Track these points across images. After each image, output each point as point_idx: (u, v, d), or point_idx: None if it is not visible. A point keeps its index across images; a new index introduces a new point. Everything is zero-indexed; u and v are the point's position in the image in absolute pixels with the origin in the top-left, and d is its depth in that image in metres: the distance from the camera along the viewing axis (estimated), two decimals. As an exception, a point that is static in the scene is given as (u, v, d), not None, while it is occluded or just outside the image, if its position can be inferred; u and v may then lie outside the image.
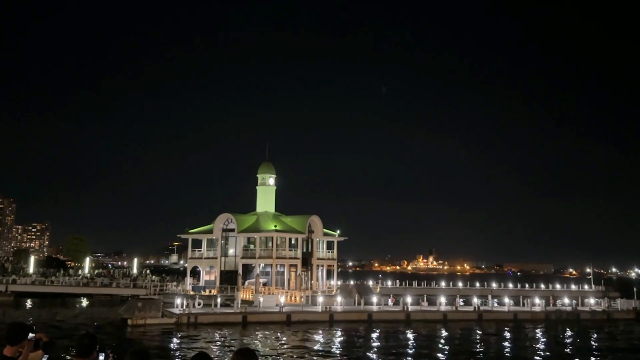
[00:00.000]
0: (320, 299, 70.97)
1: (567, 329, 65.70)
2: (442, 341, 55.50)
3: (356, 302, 72.30)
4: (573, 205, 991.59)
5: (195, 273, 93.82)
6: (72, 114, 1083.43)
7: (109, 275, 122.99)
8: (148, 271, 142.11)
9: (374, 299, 74.48)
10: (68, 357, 31.56)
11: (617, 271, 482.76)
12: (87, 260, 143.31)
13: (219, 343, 51.08)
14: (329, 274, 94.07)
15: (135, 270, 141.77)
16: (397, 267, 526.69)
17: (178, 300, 65.67)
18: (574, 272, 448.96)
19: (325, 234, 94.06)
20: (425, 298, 78.67)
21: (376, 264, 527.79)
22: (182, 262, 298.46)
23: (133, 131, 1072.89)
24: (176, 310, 62.61)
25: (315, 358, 44.23)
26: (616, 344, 56.88)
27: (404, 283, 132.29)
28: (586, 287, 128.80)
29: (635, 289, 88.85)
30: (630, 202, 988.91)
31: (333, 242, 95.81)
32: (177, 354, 45.08)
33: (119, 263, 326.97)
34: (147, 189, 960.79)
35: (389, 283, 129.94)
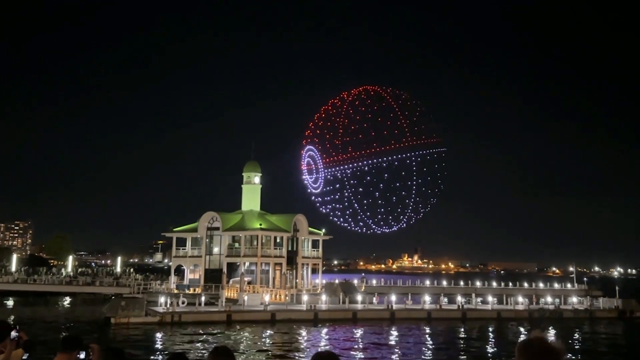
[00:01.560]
0: (305, 298, 70.96)
1: (550, 328, 66.20)
2: (426, 340, 55.73)
3: (341, 301, 72.38)
4: (556, 205, 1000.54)
5: (179, 271, 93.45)
6: (55, 112, 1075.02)
7: (92, 273, 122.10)
8: (132, 270, 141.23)
9: (359, 298, 74.60)
10: (49, 356, 31.24)
11: (599, 270, 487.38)
12: (70, 258, 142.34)
13: (202, 342, 50.87)
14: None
15: (118, 269, 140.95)
16: (383, 266, 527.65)
17: (162, 299, 65.35)
18: (557, 271, 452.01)
19: (311, 233, 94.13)
20: (409, 297, 79.00)
21: (361, 263, 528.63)
22: (166, 260, 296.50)
23: (117, 129, 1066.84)
24: (160, 309, 62.29)
25: (298, 357, 44.23)
26: (598, 343, 57.47)
27: (389, 282, 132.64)
28: (569, 286, 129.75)
29: (617, 288, 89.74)
30: (612, 201, 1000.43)
31: (318, 240, 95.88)
32: (160, 352, 44.82)
33: (103, 262, 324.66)
34: (131, 187, 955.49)
35: (374, 282, 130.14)
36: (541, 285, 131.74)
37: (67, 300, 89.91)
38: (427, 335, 58.45)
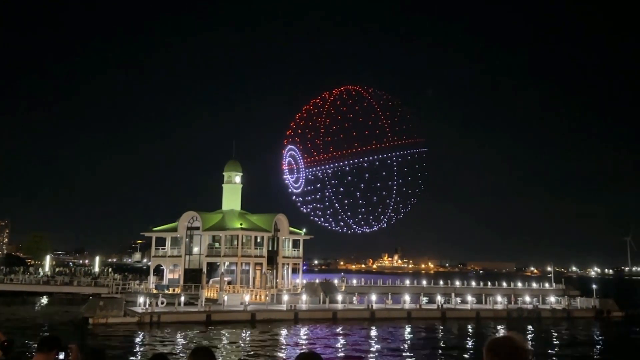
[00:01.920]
0: (286, 298, 70.89)
1: (529, 327, 66.86)
2: (406, 339, 55.98)
3: (321, 301, 72.42)
4: (535, 205, 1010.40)
5: (158, 271, 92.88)
6: (31, 111, 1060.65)
7: (70, 273, 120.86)
8: (110, 269, 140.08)
9: (339, 298, 74.72)
10: (27, 357, 30.84)
11: (577, 270, 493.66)
12: (48, 258, 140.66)
13: (182, 342, 50.56)
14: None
15: (97, 269, 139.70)
16: (363, 266, 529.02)
17: (141, 299, 64.89)
18: (536, 271, 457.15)
19: (292, 233, 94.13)
20: (390, 296, 79.33)
21: (342, 263, 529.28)
22: (145, 260, 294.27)
23: (95, 128, 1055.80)
24: (139, 309, 61.83)
25: (278, 357, 44.18)
26: (576, 342, 58.10)
27: (369, 281, 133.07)
28: (547, 285, 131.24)
29: (594, 288, 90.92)
30: (590, 202, 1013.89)
31: (299, 240, 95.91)
32: (138, 353, 44.48)
33: (81, 261, 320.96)
34: (110, 186, 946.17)
35: (354, 281, 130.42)
36: (519, 285, 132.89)
37: (44, 300, 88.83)
38: (406, 335, 58.70)
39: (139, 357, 42.59)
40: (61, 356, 6.37)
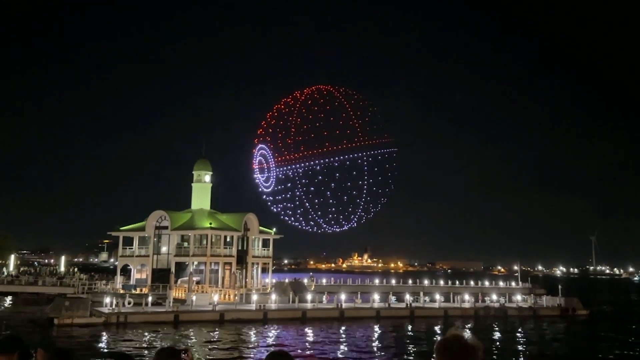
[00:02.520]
0: (255, 297, 70.66)
1: (495, 325, 67.85)
2: (374, 338, 56.28)
3: (291, 300, 72.38)
4: (501, 204, 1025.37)
5: (125, 271, 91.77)
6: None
7: (35, 273, 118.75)
8: (76, 269, 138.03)
9: (309, 297, 74.76)
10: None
11: (543, 269, 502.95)
12: (12, 257, 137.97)
13: (149, 343, 50.02)
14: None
15: (62, 268, 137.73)
16: (333, 265, 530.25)
17: (107, 299, 64.04)
18: (502, 270, 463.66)
19: (261, 232, 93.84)
20: (359, 295, 79.67)
21: (312, 262, 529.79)
22: (112, 260, 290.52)
23: (61, 124, 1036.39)
24: (105, 310, 61.04)
25: (247, 357, 44.00)
26: (541, 340, 59.17)
27: (338, 281, 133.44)
28: (514, 284, 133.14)
29: (560, 286, 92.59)
30: (555, 201, 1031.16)
31: (269, 239, 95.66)
32: (104, 354, 43.81)
33: (46, 261, 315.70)
34: (76, 184, 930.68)
35: (324, 281, 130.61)
36: (487, 283, 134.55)
37: (8, 300, 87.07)
38: (375, 334, 59.00)
39: (104, 358, 41.97)
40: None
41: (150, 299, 67.30)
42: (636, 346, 56.79)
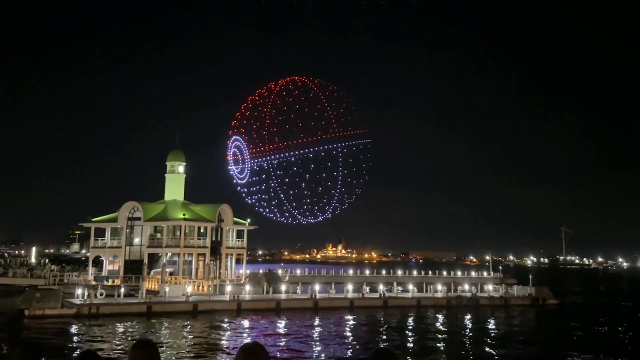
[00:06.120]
0: (229, 288, 70.49)
1: (467, 314, 68.75)
2: (348, 328, 56.63)
3: (265, 291, 72.36)
4: (473, 195, 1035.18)
5: (97, 263, 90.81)
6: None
7: (4, 264, 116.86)
8: (47, 260, 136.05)
9: (283, 288, 74.83)
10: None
11: (514, 259, 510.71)
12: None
13: (121, 335, 49.66)
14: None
15: (33, 260, 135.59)
16: (307, 256, 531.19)
17: (79, 291, 63.41)
18: (475, 260, 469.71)
19: (236, 223, 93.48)
20: (333, 286, 79.99)
21: (286, 253, 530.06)
22: (84, 251, 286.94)
23: (30, 114, 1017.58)
24: (77, 301, 60.45)
25: (221, 347, 43.95)
26: (512, 329, 60.17)
27: (313, 271, 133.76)
28: (485, 274, 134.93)
29: (530, 276, 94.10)
30: (525, 192, 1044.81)
31: (243, 230, 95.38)
32: (75, 346, 43.40)
33: (16, 252, 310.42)
34: (47, 174, 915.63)
35: (298, 271, 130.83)
36: (459, 273, 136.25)
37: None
38: (349, 324, 59.36)
39: (75, 350, 41.56)
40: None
41: (122, 290, 66.71)
42: (604, 335, 58.16)
